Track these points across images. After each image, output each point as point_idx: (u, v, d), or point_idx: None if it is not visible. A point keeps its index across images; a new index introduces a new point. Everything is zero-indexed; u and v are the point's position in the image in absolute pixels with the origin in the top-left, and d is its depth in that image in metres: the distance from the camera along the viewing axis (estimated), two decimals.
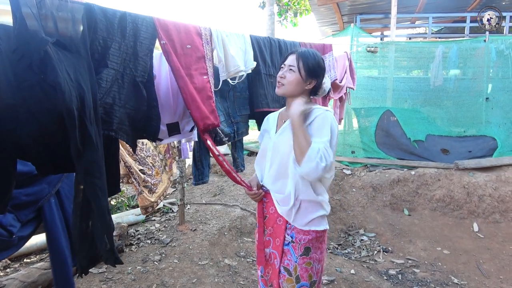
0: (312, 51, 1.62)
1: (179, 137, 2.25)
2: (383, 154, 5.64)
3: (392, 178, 4.99)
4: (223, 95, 2.43)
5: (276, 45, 2.68)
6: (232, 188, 4.92)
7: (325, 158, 1.43)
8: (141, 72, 1.55)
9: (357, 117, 6.12)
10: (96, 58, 1.37)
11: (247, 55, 2.29)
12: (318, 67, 1.61)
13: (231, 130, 2.43)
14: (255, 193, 1.70)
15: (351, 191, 5.00)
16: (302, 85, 1.61)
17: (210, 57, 1.98)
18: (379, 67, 7.12)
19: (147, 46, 1.58)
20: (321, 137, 1.49)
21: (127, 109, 1.53)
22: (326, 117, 1.54)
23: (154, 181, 3.32)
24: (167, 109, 2.03)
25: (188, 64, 1.78)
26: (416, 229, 4.37)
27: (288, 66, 1.61)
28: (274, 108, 2.60)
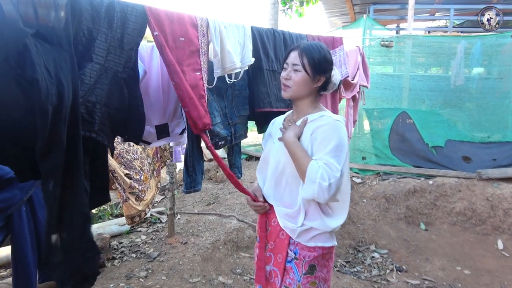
0: (316, 44, 1.62)
1: (168, 140, 2.24)
2: (397, 161, 5.64)
3: (407, 188, 4.99)
4: (220, 94, 2.42)
5: (281, 38, 2.67)
6: (228, 197, 4.92)
7: (327, 177, 1.40)
8: (124, 67, 1.55)
9: (369, 119, 6.13)
10: (80, 51, 1.37)
11: (245, 49, 2.29)
12: (325, 61, 1.61)
13: (228, 132, 2.42)
14: (259, 205, 1.69)
15: (361, 201, 5.00)
16: (310, 84, 1.61)
17: (205, 51, 1.98)
18: (394, 64, 7.14)
19: (134, 39, 1.58)
20: (323, 152, 1.47)
21: (108, 108, 1.54)
22: (334, 127, 1.52)
23: (142, 187, 3.31)
24: (157, 109, 2.03)
25: (180, 59, 1.78)
26: (433, 245, 4.37)
27: (291, 65, 1.61)
28: (278, 108, 2.60)
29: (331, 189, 1.40)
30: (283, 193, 1.64)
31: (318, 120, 1.57)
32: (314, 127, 1.55)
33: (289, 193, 1.61)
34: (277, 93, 2.60)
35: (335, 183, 1.40)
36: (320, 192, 1.40)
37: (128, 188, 3.13)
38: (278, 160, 1.63)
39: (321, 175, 1.40)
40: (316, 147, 1.51)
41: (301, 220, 1.56)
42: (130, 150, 3.28)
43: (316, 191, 1.41)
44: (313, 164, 1.44)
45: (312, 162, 1.45)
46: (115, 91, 1.54)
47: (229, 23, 2.17)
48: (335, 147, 1.46)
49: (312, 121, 1.59)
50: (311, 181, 1.42)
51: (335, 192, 1.42)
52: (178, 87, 1.71)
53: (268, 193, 1.70)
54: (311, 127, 1.56)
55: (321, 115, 1.59)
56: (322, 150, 1.47)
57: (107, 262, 3.24)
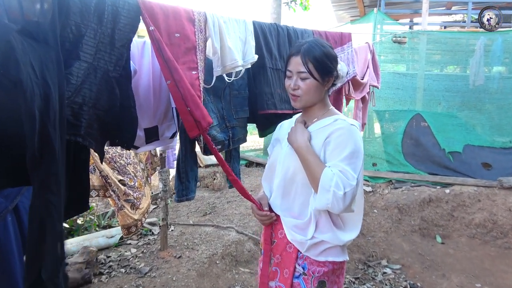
0: (316, 42, 1.61)
1: (157, 144, 2.25)
2: (411, 167, 5.65)
3: (422, 197, 4.99)
4: (217, 94, 2.43)
5: (285, 34, 2.69)
6: (226, 206, 4.92)
7: (342, 185, 1.40)
8: (115, 66, 1.55)
9: (380, 122, 6.15)
10: (67, 48, 1.37)
11: (247, 46, 2.30)
12: (330, 60, 1.60)
13: (225, 136, 2.43)
14: (265, 215, 1.69)
15: (371, 212, 5.00)
16: (321, 89, 1.62)
17: (203, 48, 1.99)
18: (408, 62, 7.17)
19: (126, 35, 1.58)
20: (338, 158, 1.47)
21: (97, 110, 1.54)
22: (349, 132, 1.52)
23: (137, 195, 3.30)
24: (146, 110, 2.04)
25: (175, 56, 1.78)
26: (450, 260, 4.36)
27: (296, 73, 1.59)
28: (283, 110, 2.61)
29: (346, 198, 1.40)
30: (292, 203, 1.64)
31: (332, 125, 1.57)
32: (328, 132, 1.54)
33: (298, 203, 1.61)
34: (282, 93, 2.61)
35: (350, 192, 1.40)
36: (334, 201, 1.40)
37: (123, 196, 3.13)
38: (287, 167, 1.63)
39: (336, 183, 1.40)
40: (329, 153, 1.51)
41: (311, 232, 1.56)
42: (123, 154, 3.28)
43: (330, 200, 1.41)
44: (327, 172, 1.44)
45: (326, 170, 1.45)
46: (105, 92, 1.54)
47: (229, 17, 2.18)
48: (350, 154, 1.47)
49: (326, 126, 1.58)
50: (325, 190, 1.42)
51: (351, 202, 1.43)
52: (179, 85, 1.71)
53: (275, 203, 1.70)
54: (325, 132, 1.56)
55: (335, 119, 1.59)
56: (336, 156, 1.48)
57: (94, 277, 3.24)
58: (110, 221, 4.43)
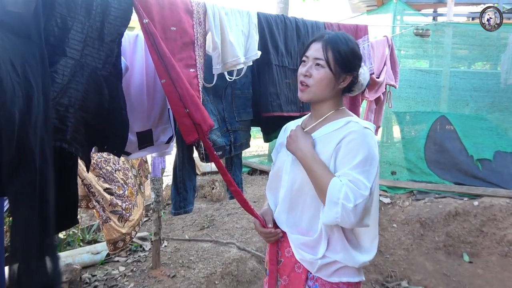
0: (343, 35, 1.63)
1: (151, 150, 2.26)
2: (435, 176, 5.64)
3: (447, 210, 4.97)
4: (217, 94, 2.44)
5: (293, 27, 2.70)
6: (226, 219, 4.92)
7: (352, 196, 1.39)
8: (104, 63, 1.57)
9: (400, 125, 6.14)
10: (52, 44, 1.39)
11: (250, 40, 2.31)
12: (353, 57, 1.61)
13: (226, 141, 2.44)
14: (269, 232, 1.69)
15: (390, 227, 4.99)
16: (334, 85, 1.61)
17: (202, 43, 2.00)
18: (431, 57, 7.17)
19: (116, 29, 1.60)
20: (349, 166, 1.46)
21: (84, 112, 1.55)
22: (363, 136, 1.51)
23: (127, 205, 3.29)
24: (139, 112, 2.05)
25: (171, 52, 1.78)
26: (479, 282, 4.33)
27: (313, 59, 1.59)
28: (289, 113, 2.61)
29: (358, 211, 1.39)
30: (299, 217, 1.63)
31: (343, 129, 1.55)
32: (339, 137, 1.53)
33: (307, 218, 1.61)
34: (288, 94, 2.62)
35: (362, 204, 1.39)
36: (344, 215, 1.39)
37: (109, 206, 3.13)
38: (294, 177, 1.63)
39: (345, 194, 1.39)
40: (340, 160, 1.50)
41: (322, 250, 1.55)
42: (110, 160, 3.28)
43: (339, 214, 1.40)
44: (335, 182, 1.43)
45: (334, 180, 1.44)
46: (93, 92, 1.56)
47: (231, 9, 2.20)
48: (363, 161, 1.45)
49: (337, 130, 1.57)
50: (333, 203, 1.41)
51: (363, 215, 1.41)
52: (177, 84, 1.72)
53: (280, 218, 1.70)
54: (336, 137, 1.54)
55: (347, 121, 1.57)
56: (347, 164, 1.47)
57: None
58: (95, 236, 4.44)
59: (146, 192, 4.68)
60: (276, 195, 1.76)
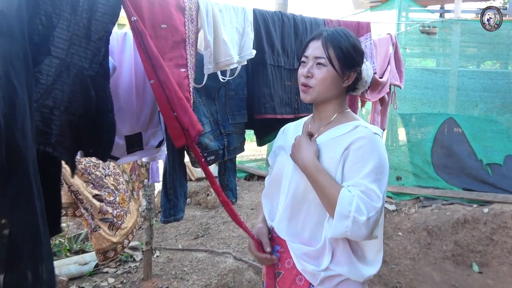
0: (343, 31, 1.63)
1: (141, 155, 2.26)
2: (442, 182, 5.65)
3: (455, 217, 4.98)
4: (210, 95, 2.44)
5: (290, 24, 2.71)
6: (222, 228, 4.92)
7: (365, 209, 1.37)
8: (91, 62, 1.57)
9: (406, 127, 6.16)
10: (36, 42, 1.39)
11: (245, 39, 2.32)
12: (356, 52, 1.61)
13: (219, 145, 2.44)
14: (265, 258, 1.67)
15: (395, 235, 4.99)
16: (339, 83, 1.60)
17: (193, 41, 2.01)
18: (438, 56, 7.18)
19: (104, 26, 1.60)
20: (359, 175, 1.44)
21: (69, 114, 1.55)
22: (373, 142, 1.50)
23: (118, 212, 3.28)
24: (128, 114, 2.05)
25: (160, 51, 1.79)
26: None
27: (313, 58, 1.59)
28: (282, 115, 2.63)
29: (370, 224, 1.37)
30: (301, 226, 1.61)
31: (351, 134, 1.54)
32: (347, 142, 1.52)
33: (310, 226, 1.60)
34: (283, 95, 2.63)
35: (375, 217, 1.38)
36: (356, 229, 1.38)
37: (98, 214, 3.12)
38: (297, 183, 1.61)
39: (357, 207, 1.37)
40: (348, 169, 1.48)
41: (326, 262, 1.54)
42: (100, 164, 3.27)
43: (350, 227, 1.38)
44: (345, 194, 1.41)
45: (344, 192, 1.42)
46: (79, 93, 1.56)
47: (226, 5, 2.21)
48: (375, 169, 1.44)
49: (344, 135, 1.56)
50: (343, 216, 1.39)
51: (374, 227, 1.41)
52: (165, 86, 1.73)
53: (280, 226, 1.68)
54: (343, 142, 1.53)
55: (355, 126, 1.57)
56: (357, 173, 1.45)
57: None
58: (83, 245, 4.44)
59: None
60: (273, 202, 1.75)
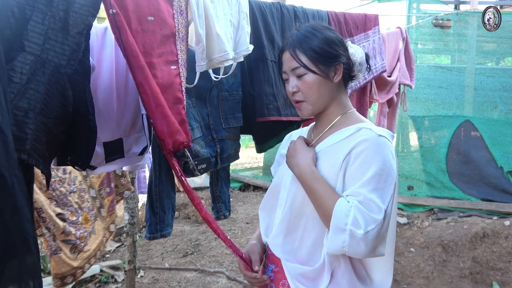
0: (307, 28, 1.61)
1: (121, 164, 2.26)
2: (459, 191, 5.66)
3: (473, 231, 4.98)
4: (201, 96, 2.45)
5: (291, 16, 2.72)
6: (214, 244, 4.91)
7: (363, 221, 1.35)
8: (69, 59, 1.57)
9: (418, 131, 6.17)
10: (7, 37, 1.38)
11: (241, 33, 2.32)
12: (330, 46, 1.57)
13: (211, 151, 2.44)
14: (255, 278, 1.67)
15: (407, 251, 4.99)
16: (328, 84, 1.58)
17: (184, 35, 2.00)
18: (453, 52, 7.20)
19: (84, 19, 1.60)
20: (359, 183, 1.42)
21: (45, 117, 1.54)
22: (377, 145, 1.47)
23: (82, 233, 3.27)
24: (107, 118, 2.05)
25: (148, 47, 1.80)
26: None
27: (290, 71, 1.59)
28: (288, 117, 2.63)
29: (369, 239, 1.35)
30: (299, 243, 1.61)
31: (354, 137, 1.52)
32: (349, 147, 1.50)
33: (308, 244, 1.59)
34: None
35: (375, 231, 1.35)
36: (353, 244, 1.36)
37: (61, 235, 3.09)
38: (294, 195, 1.60)
39: (354, 219, 1.36)
40: (349, 176, 1.47)
41: (324, 284, 1.52)
42: (65, 179, 3.24)
43: (347, 243, 1.36)
44: (341, 204, 1.40)
45: (341, 201, 1.40)
46: (56, 94, 1.55)
47: None
48: (376, 176, 1.41)
49: (346, 139, 1.55)
50: (339, 229, 1.38)
51: (377, 243, 1.38)
52: (141, 89, 1.73)
53: (275, 243, 1.67)
54: (345, 147, 1.51)
55: (358, 128, 1.54)
56: (357, 180, 1.43)
57: None
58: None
59: (119, 213, 4.66)
60: (271, 215, 1.75)
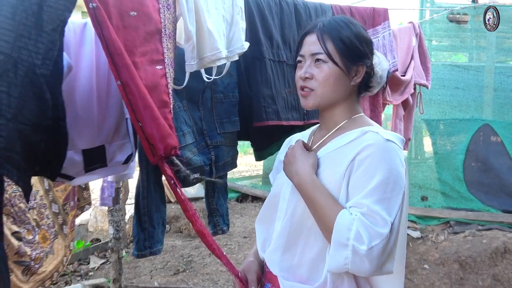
0: (342, 18, 1.62)
1: (104, 173, 2.25)
2: (477, 202, 5.65)
3: (494, 246, 4.96)
4: (193, 98, 2.45)
5: (291, 10, 2.72)
6: (208, 260, 4.89)
7: (366, 236, 1.34)
8: (44, 58, 1.55)
9: (432, 136, 6.17)
10: None
11: (235, 29, 2.31)
12: (360, 41, 1.59)
13: (205, 159, 2.44)
14: None
15: (421, 268, 4.97)
16: (345, 82, 1.58)
17: (171, 32, 1.99)
18: (470, 49, 7.19)
19: (59, 14, 1.58)
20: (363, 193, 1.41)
21: (20, 123, 1.53)
22: (384, 151, 1.46)
23: (37, 253, 3.23)
24: (86, 123, 2.03)
25: (130, 45, 1.78)
26: None
27: (310, 56, 1.58)
28: (289, 121, 2.62)
29: (373, 255, 1.33)
30: (299, 259, 1.60)
31: (359, 141, 1.51)
32: (353, 152, 1.49)
33: (308, 260, 1.58)
34: (288, 96, 2.62)
35: (380, 246, 1.34)
36: (356, 260, 1.34)
37: (14, 255, 3.05)
38: (294, 206, 1.59)
39: (357, 233, 1.34)
40: (353, 185, 1.46)
41: None
42: None
43: (349, 259, 1.35)
44: (343, 217, 1.39)
45: (343, 214, 1.40)
46: (32, 97, 1.53)
47: None
48: (382, 184, 1.40)
49: (350, 143, 1.54)
50: (340, 245, 1.37)
51: (383, 259, 1.37)
52: (128, 89, 1.71)
53: (272, 259, 1.67)
54: (349, 152, 1.50)
55: (364, 131, 1.54)
56: (361, 189, 1.42)
57: None
58: None
59: (104, 226, 4.64)
60: (268, 229, 1.74)
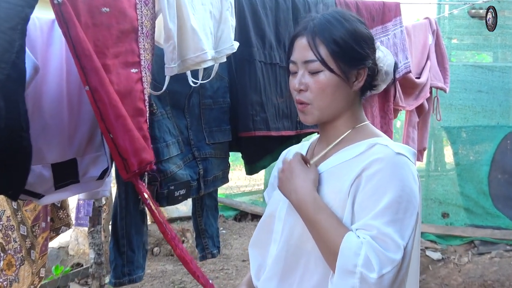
0: (334, 14, 1.60)
1: (76, 190, 2.24)
2: (505, 219, 5.66)
3: None
4: (178, 104, 2.45)
5: (288, 6, 2.73)
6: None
7: (377, 262, 1.32)
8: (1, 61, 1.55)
9: (453, 146, 6.19)
10: None
11: (223, 27, 2.32)
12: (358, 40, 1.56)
13: (192, 173, 2.44)
14: None
15: None
16: (345, 90, 1.56)
17: (148, 30, 2.00)
18: (495, 48, 7.20)
19: (18, 11, 1.59)
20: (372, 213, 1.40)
21: None
22: (394, 166, 1.45)
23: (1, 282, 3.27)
24: (56, 134, 2.03)
25: (101, 45, 1.79)
26: None
27: (302, 64, 1.56)
28: (279, 131, 2.63)
29: (384, 284, 1.32)
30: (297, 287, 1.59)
31: (365, 155, 1.50)
32: (359, 167, 1.48)
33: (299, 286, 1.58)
34: (280, 104, 2.63)
35: (392, 274, 1.33)
36: None
37: None
38: (291, 228, 1.59)
39: (366, 259, 1.32)
40: (359, 204, 1.44)
41: None
42: None
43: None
44: (350, 240, 1.37)
45: (349, 237, 1.38)
46: None
47: None
48: (394, 204, 1.39)
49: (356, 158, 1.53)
50: (346, 272, 1.35)
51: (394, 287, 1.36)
52: (97, 96, 1.72)
53: (268, 286, 1.66)
54: (354, 167, 1.49)
55: (371, 144, 1.53)
56: (369, 210, 1.41)
57: None
58: None
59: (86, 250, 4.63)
60: (263, 253, 1.73)
